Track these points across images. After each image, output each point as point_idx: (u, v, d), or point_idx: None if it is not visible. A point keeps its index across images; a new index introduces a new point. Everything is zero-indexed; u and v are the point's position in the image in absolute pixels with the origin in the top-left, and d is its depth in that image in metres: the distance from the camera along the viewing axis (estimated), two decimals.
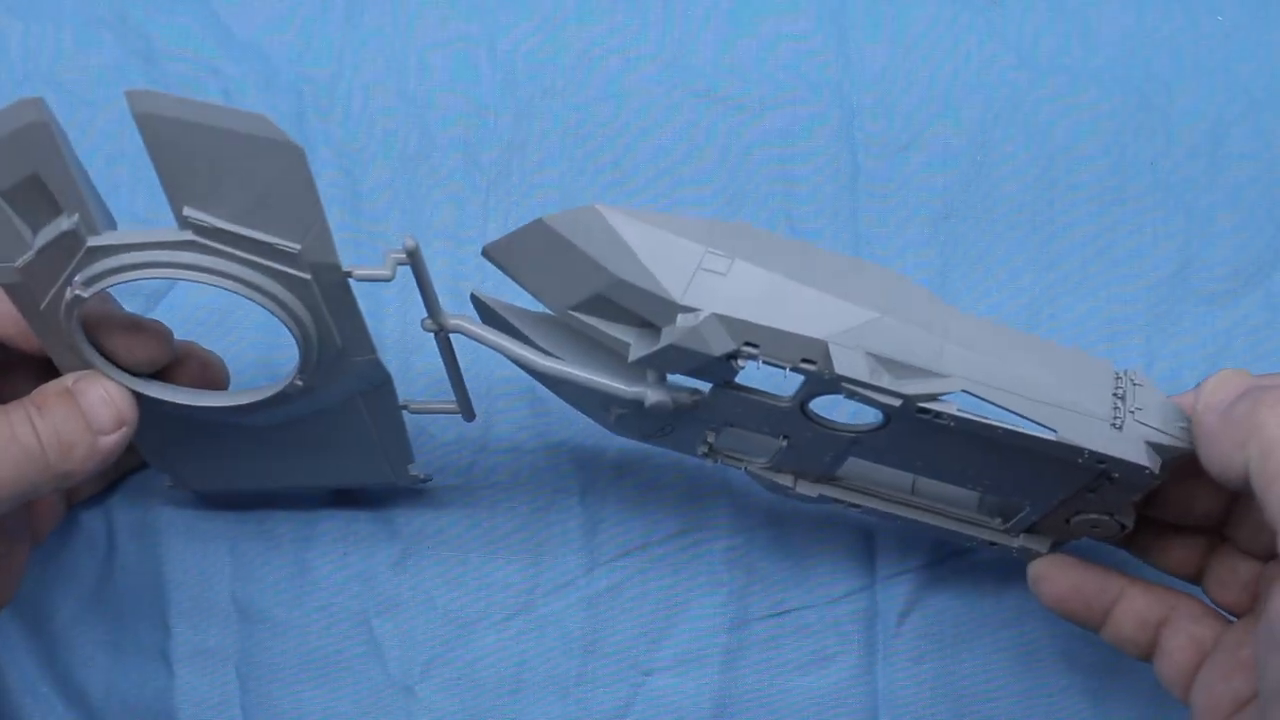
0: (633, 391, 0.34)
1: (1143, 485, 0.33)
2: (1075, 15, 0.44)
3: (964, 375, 0.32)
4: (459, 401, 0.38)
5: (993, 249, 0.43)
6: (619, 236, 0.31)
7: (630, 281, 0.31)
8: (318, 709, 0.43)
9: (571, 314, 0.33)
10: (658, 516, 0.44)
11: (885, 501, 0.38)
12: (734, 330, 0.31)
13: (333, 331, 0.33)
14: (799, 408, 0.34)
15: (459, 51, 0.43)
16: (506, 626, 0.44)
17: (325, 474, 0.41)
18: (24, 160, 0.29)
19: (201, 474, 0.41)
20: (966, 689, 0.44)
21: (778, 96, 0.43)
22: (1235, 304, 0.42)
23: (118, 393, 0.33)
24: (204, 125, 0.28)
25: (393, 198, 0.42)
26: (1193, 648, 0.35)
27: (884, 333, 0.32)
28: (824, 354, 0.31)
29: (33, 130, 0.28)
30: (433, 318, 0.34)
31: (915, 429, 0.33)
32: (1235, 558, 0.35)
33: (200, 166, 0.29)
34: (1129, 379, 0.34)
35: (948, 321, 0.33)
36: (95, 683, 0.43)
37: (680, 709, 0.43)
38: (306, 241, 0.30)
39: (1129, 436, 0.32)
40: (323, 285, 0.31)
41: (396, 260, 0.32)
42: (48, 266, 0.30)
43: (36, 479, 0.32)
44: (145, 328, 0.34)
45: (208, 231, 0.30)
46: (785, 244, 0.34)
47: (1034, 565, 0.37)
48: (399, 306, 0.42)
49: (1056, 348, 0.34)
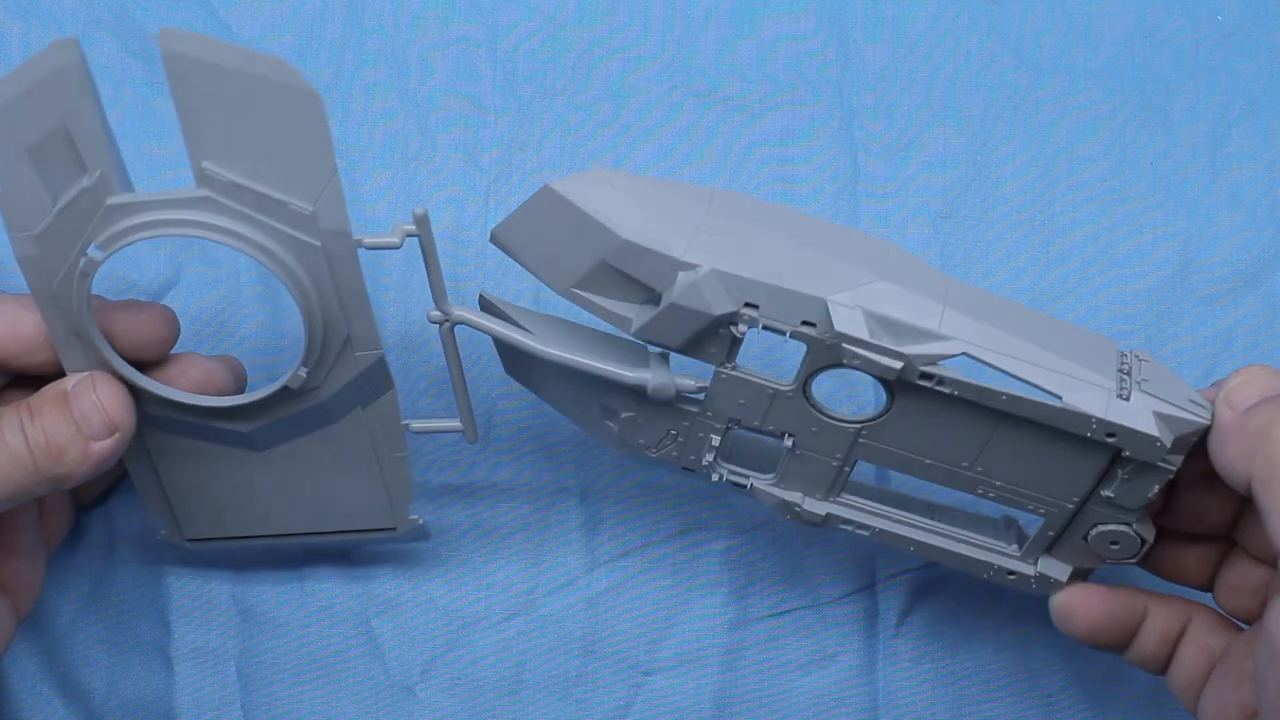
0: (635, 376, 0.34)
1: (1156, 469, 0.32)
2: (1075, 15, 0.44)
3: (965, 339, 0.31)
4: (462, 415, 0.38)
5: (993, 249, 0.43)
6: (622, 198, 0.32)
7: (633, 241, 0.31)
8: (318, 709, 0.43)
9: (575, 292, 0.33)
10: (658, 516, 0.44)
11: (896, 522, 0.37)
12: (733, 288, 0.31)
13: (339, 313, 0.33)
14: (801, 390, 0.34)
15: (459, 52, 0.43)
16: (506, 626, 0.44)
17: (323, 517, 0.40)
18: (54, 108, 0.29)
19: (197, 517, 0.40)
20: (966, 689, 0.44)
21: (778, 96, 0.43)
22: (1235, 304, 0.42)
23: (111, 399, 0.33)
24: (226, 68, 0.28)
25: (393, 199, 0.42)
26: (1204, 656, 0.35)
27: (884, 295, 0.31)
28: (824, 314, 0.31)
29: (68, 74, 0.28)
30: (439, 306, 0.34)
31: (918, 411, 0.33)
32: (1246, 564, 0.35)
33: (220, 113, 0.29)
34: (1134, 356, 0.33)
35: (948, 288, 0.33)
36: (95, 682, 0.43)
37: (680, 709, 0.44)
38: (318, 204, 0.31)
39: (1137, 406, 0.31)
40: (331, 255, 0.32)
41: (406, 231, 0.32)
42: (64, 233, 0.31)
43: (24, 482, 0.32)
44: (147, 308, 0.34)
45: (225, 188, 0.30)
46: (783, 210, 0.34)
47: (1059, 599, 0.36)
48: (399, 308, 0.42)
49: (1059, 322, 0.34)
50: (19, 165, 0.29)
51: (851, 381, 0.41)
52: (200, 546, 0.41)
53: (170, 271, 0.41)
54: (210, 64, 0.28)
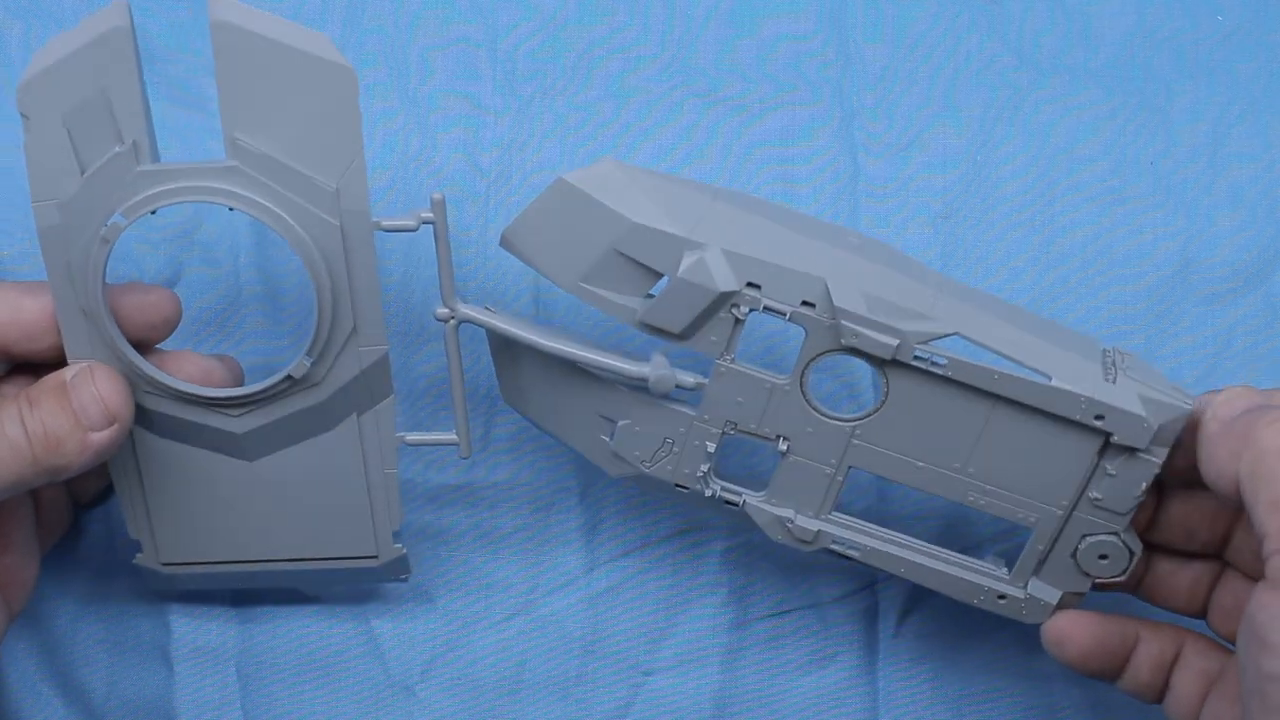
0: (636, 369, 0.35)
1: (1143, 463, 0.33)
2: (1075, 15, 0.44)
3: (958, 322, 0.33)
4: (458, 427, 0.38)
5: (993, 249, 0.43)
6: (632, 186, 0.33)
7: (643, 224, 0.33)
8: (318, 709, 0.44)
9: (582, 286, 0.34)
10: (658, 516, 0.44)
11: (885, 542, 0.37)
12: (738, 267, 0.33)
13: (348, 300, 0.33)
14: (799, 384, 0.35)
15: (459, 52, 0.43)
16: (506, 626, 0.44)
17: (305, 542, 0.39)
18: (100, 71, 0.30)
19: (176, 538, 0.39)
20: (966, 689, 0.44)
21: (778, 96, 0.43)
22: (1235, 304, 0.42)
23: (110, 390, 0.33)
24: (270, 39, 0.29)
25: (393, 199, 0.42)
26: (1200, 681, 0.35)
27: (881, 279, 0.33)
28: (823, 293, 0.33)
29: (116, 38, 0.29)
30: (446, 302, 0.35)
31: (912, 401, 0.34)
32: (1239, 583, 0.35)
33: (258, 84, 0.30)
34: (1117, 351, 0.35)
35: (941, 280, 0.35)
36: (95, 682, 0.43)
37: (680, 709, 0.44)
38: (342, 182, 0.32)
39: (1123, 389, 0.33)
40: (348, 236, 0.32)
41: (422, 217, 0.33)
42: (90, 201, 0.31)
43: (22, 472, 0.33)
44: (153, 290, 0.35)
45: (254, 160, 0.31)
46: (783, 207, 0.36)
47: (1050, 625, 0.36)
48: (399, 304, 0.42)
49: (1045, 320, 0.35)
50: (55, 131, 0.30)
51: (852, 383, 0.41)
52: (175, 573, 0.40)
53: (170, 271, 0.41)
54: (256, 34, 0.29)
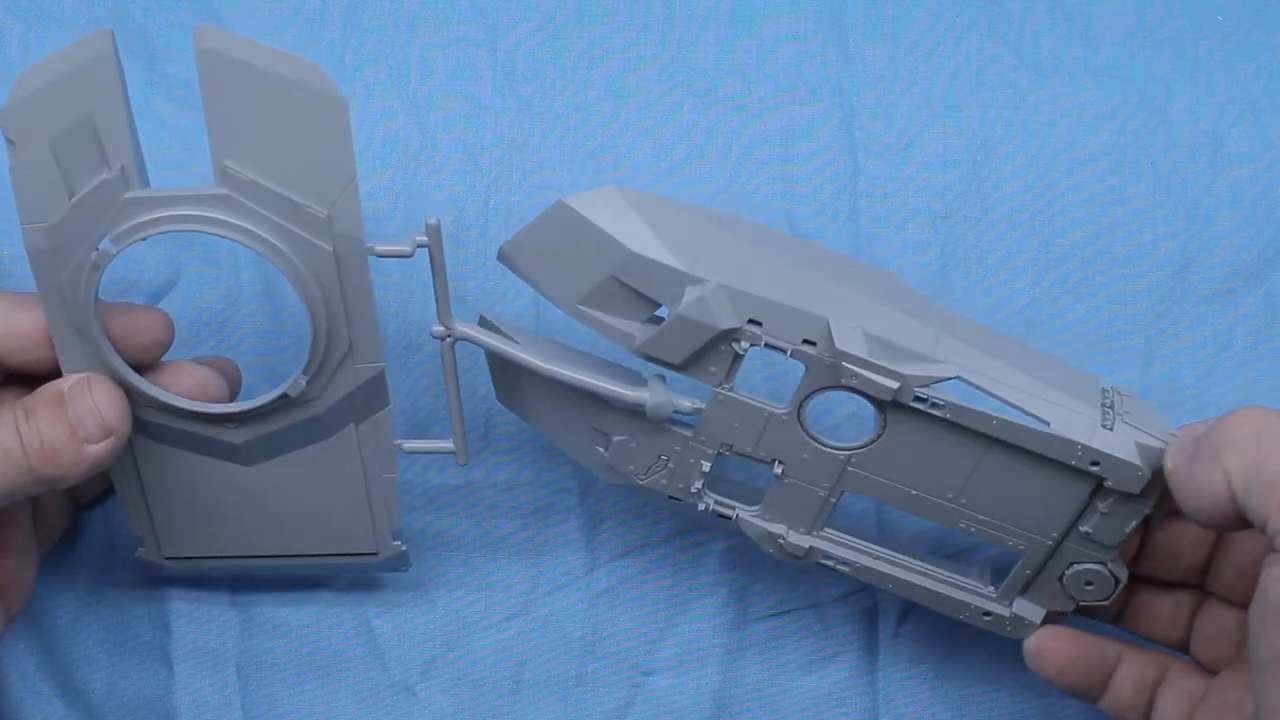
0: (634, 395, 0.34)
1: (1134, 503, 0.33)
2: (1075, 15, 0.44)
3: (960, 364, 0.32)
4: (455, 435, 0.38)
5: (993, 249, 0.43)
6: (633, 214, 0.32)
7: (643, 255, 0.32)
8: (318, 709, 0.44)
9: (580, 309, 0.33)
10: (658, 516, 0.44)
11: (875, 559, 0.38)
12: (739, 304, 0.32)
13: (343, 321, 0.33)
14: (796, 414, 0.34)
15: (459, 52, 0.43)
16: (506, 626, 0.44)
17: (304, 538, 0.40)
18: (84, 98, 0.29)
19: (177, 534, 0.39)
20: (966, 689, 0.44)
21: (778, 96, 0.43)
22: (1235, 304, 0.42)
23: (107, 402, 0.33)
24: (258, 68, 0.29)
25: (393, 199, 0.42)
26: (1186, 702, 0.35)
27: (883, 318, 0.33)
28: (825, 332, 0.32)
29: (100, 65, 0.29)
30: (443, 321, 0.35)
31: (909, 437, 0.34)
32: (1219, 611, 0.36)
33: (247, 112, 0.30)
34: (1116, 392, 0.34)
35: (944, 318, 0.34)
36: (95, 682, 0.43)
37: (680, 709, 0.44)
38: (334, 208, 0.31)
39: (1120, 436, 0.33)
40: (342, 261, 0.32)
41: (418, 241, 0.33)
42: (78, 225, 0.31)
43: (18, 482, 0.33)
44: (145, 311, 0.35)
45: (244, 187, 0.31)
46: (786, 237, 0.35)
47: (1032, 639, 0.37)
48: (398, 316, 0.42)
49: (1047, 356, 0.35)
50: (41, 155, 0.30)
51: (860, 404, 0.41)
52: (178, 565, 0.41)
53: (170, 271, 0.41)
54: (243, 62, 0.29)
